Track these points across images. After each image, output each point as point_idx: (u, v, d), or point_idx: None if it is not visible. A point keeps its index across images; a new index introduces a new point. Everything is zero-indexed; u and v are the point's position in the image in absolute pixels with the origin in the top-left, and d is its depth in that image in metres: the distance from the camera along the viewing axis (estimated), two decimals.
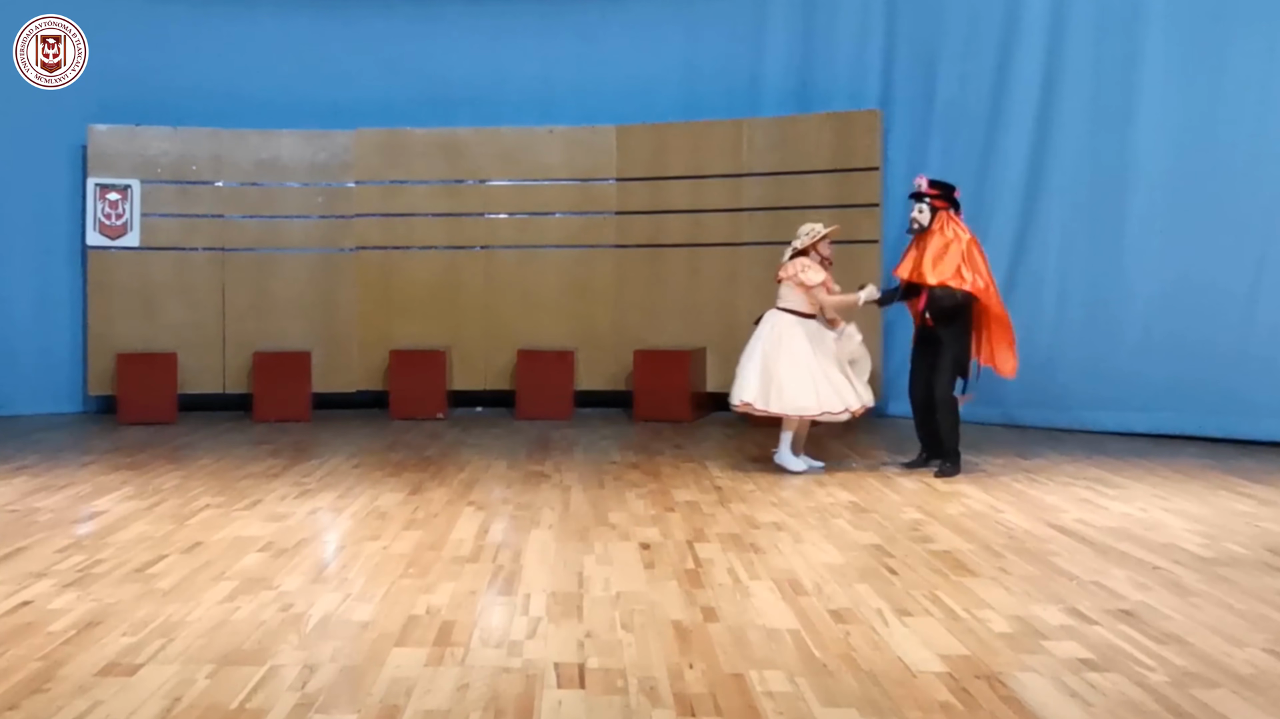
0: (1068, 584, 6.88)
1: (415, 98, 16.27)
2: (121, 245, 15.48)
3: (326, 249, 16.05)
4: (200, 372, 15.55)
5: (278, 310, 15.85)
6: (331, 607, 6.43)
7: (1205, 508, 9.18)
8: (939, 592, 6.69)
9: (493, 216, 16.11)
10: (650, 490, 10.06)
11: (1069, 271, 13.65)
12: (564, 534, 8.31)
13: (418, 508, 9.26)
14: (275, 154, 15.94)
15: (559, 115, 16.20)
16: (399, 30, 16.33)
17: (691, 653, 5.62)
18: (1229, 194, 12.57)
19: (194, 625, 6.06)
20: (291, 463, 11.59)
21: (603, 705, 4.97)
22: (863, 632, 5.94)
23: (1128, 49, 13.17)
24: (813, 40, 15.58)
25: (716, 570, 7.23)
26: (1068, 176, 13.63)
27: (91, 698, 5.03)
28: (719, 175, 15.53)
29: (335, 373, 15.81)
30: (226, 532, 8.38)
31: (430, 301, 15.97)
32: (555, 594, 6.68)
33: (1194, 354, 12.66)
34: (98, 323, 15.44)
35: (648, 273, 15.78)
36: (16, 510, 9.15)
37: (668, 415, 14.58)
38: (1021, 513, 8.99)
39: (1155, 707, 4.90)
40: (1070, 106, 13.59)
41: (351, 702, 5.01)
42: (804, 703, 4.97)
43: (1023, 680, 5.22)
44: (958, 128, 14.47)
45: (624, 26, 16.27)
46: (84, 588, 6.79)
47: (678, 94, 16.10)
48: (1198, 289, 12.71)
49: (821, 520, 8.74)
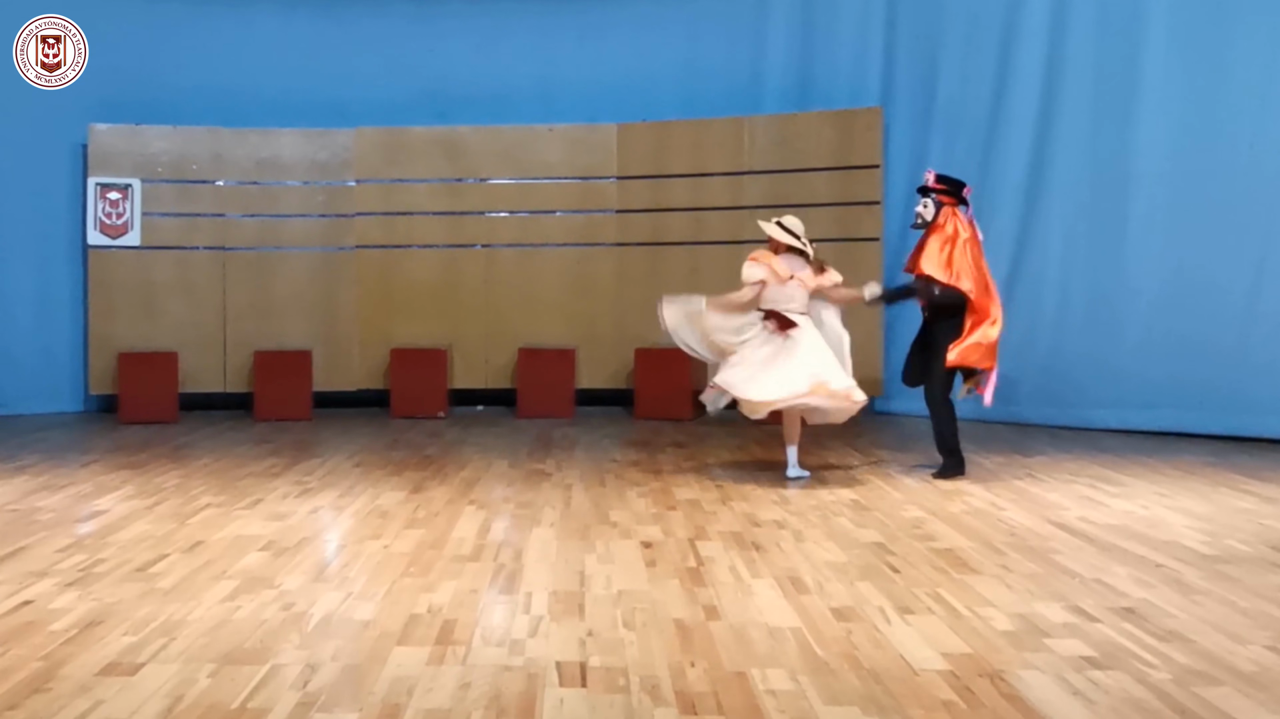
0: (1070, 582, 6.88)
1: (416, 96, 16.28)
2: (122, 244, 15.48)
3: (327, 248, 16.04)
4: (201, 371, 15.55)
5: (278, 309, 15.85)
6: (333, 606, 6.42)
7: (1207, 505, 9.18)
8: (941, 589, 6.69)
9: (493, 215, 16.10)
10: (652, 489, 10.06)
11: (1070, 269, 13.64)
12: (565, 533, 8.31)
13: (419, 507, 9.25)
14: (275, 153, 15.94)
15: (559, 113, 16.20)
16: (399, 29, 16.33)
17: (693, 651, 5.61)
18: (1230, 192, 12.57)
19: (195, 625, 6.06)
20: (292, 462, 11.58)
21: (604, 704, 4.96)
22: (865, 630, 5.94)
23: (1129, 47, 13.18)
24: (813, 38, 15.59)
25: (718, 569, 7.23)
26: (1069, 174, 13.63)
27: (93, 697, 5.02)
28: (720, 173, 15.53)
29: (336, 372, 15.81)
30: (227, 531, 8.38)
31: (431, 300, 15.96)
32: (557, 593, 6.67)
33: (1195, 352, 12.66)
34: (99, 322, 15.45)
35: (648, 271, 15.76)
36: (18, 510, 9.15)
37: (669, 414, 14.58)
38: (1023, 510, 8.99)
39: (1158, 704, 4.90)
40: (1071, 104, 13.60)
41: (353, 700, 5.00)
42: (806, 701, 4.96)
43: (1025, 678, 5.21)
44: (959, 125, 14.48)
45: (624, 24, 16.27)
46: (85, 587, 6.78)
47: (678, 92, 16.10)
48: (1199, 286, 12.71)
49: (823, 518, 8.73)
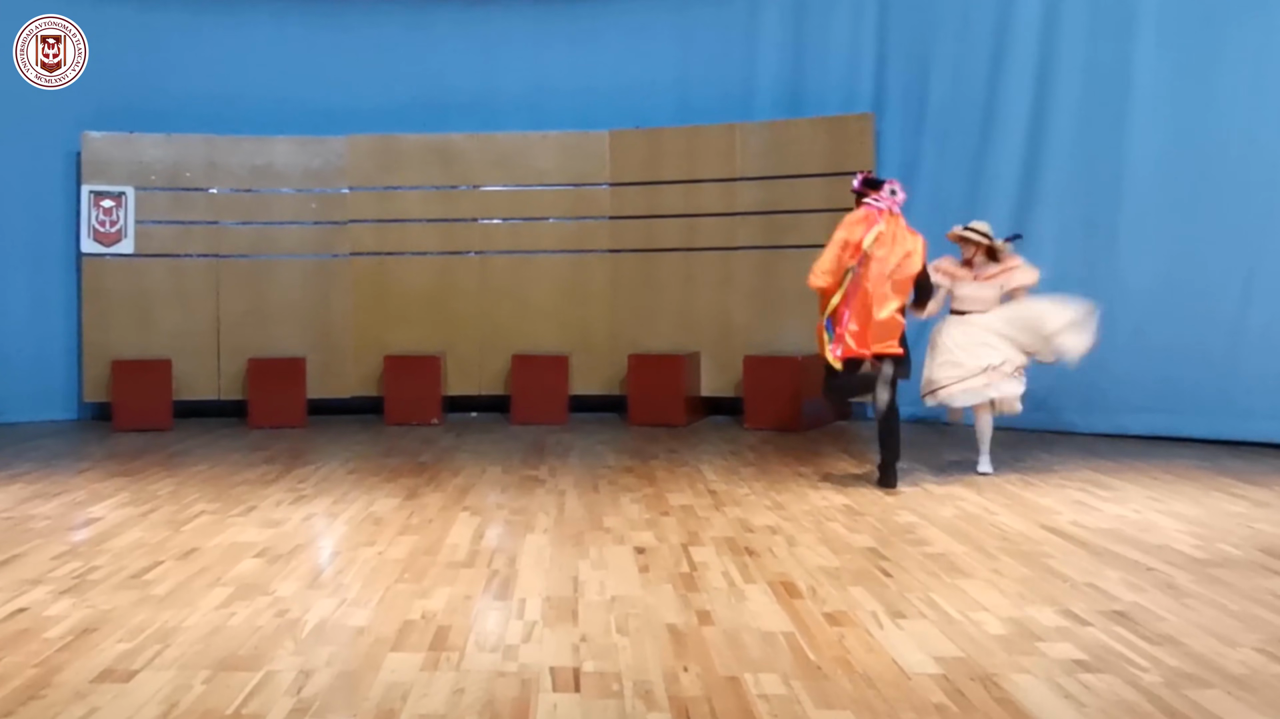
0: (1062, 586, 6.90)
1: (409, 103, 16.30)
2: (116, 252, 15.49)
3: (321, 255, 16.05)
4: (195, 378, 15.55)
5: (272, 316, 15.85)
6: (327, 612, 6.43)
7: (1198, 509, 9.20)
8: (933, 594, 6.70)
9: (487, 222, 16.12)
10: (645, 495, 10.07)
11: (1062, 273, 13.60)
12: (559, 538, 8.32)
13: (413, 513, 9.26)
14: (269, 160, 15.95)
15: (552, 120, 16.20)
16: (392, 36, 16.35)
17: (687, 656, 5.63)
18: (1221, 197, 12.59)
19: (190, 631, 6.07)
20: (287, 469, 11.59)
21: (598, 709, 4.97)
22: (857, 634, 5.95)
23: (1120, 53, 13.18)
24: (805, 44, 15.62)
25: (711, 574, 7.24)
26: (1060, 179, 13.65)
27: (88, 704, 5.03)
28: (712, 180, 15.55)
29: (330, 379, 15.82)
30: (222, 538, 8.39)
31: (425, 307, 15.98)
32: (550, 598, 6.68)
33: (1186, 356, 12.67)
34: (92, 330, 15.45)
35: (642, 277, 15.80)
36: (12, 517, 9.16)
37: (662, 420, 14.57)
38: (1015, 515, 9.00)
39: (1149, 707, 4.91)
40: (1063, 110, 13.62)
41: (347, 706, 5.02)
42: (799, 706, 4.98)
43: (1017, 682, 5.23)
44: (950, 131, 14.52)
45: (617, 32, 16.29)
46: (80, 594, 6.79)
47: (671, 99, 16.13)
48: (1191, 289, 12.72)
49: (816, 523, 8.75)
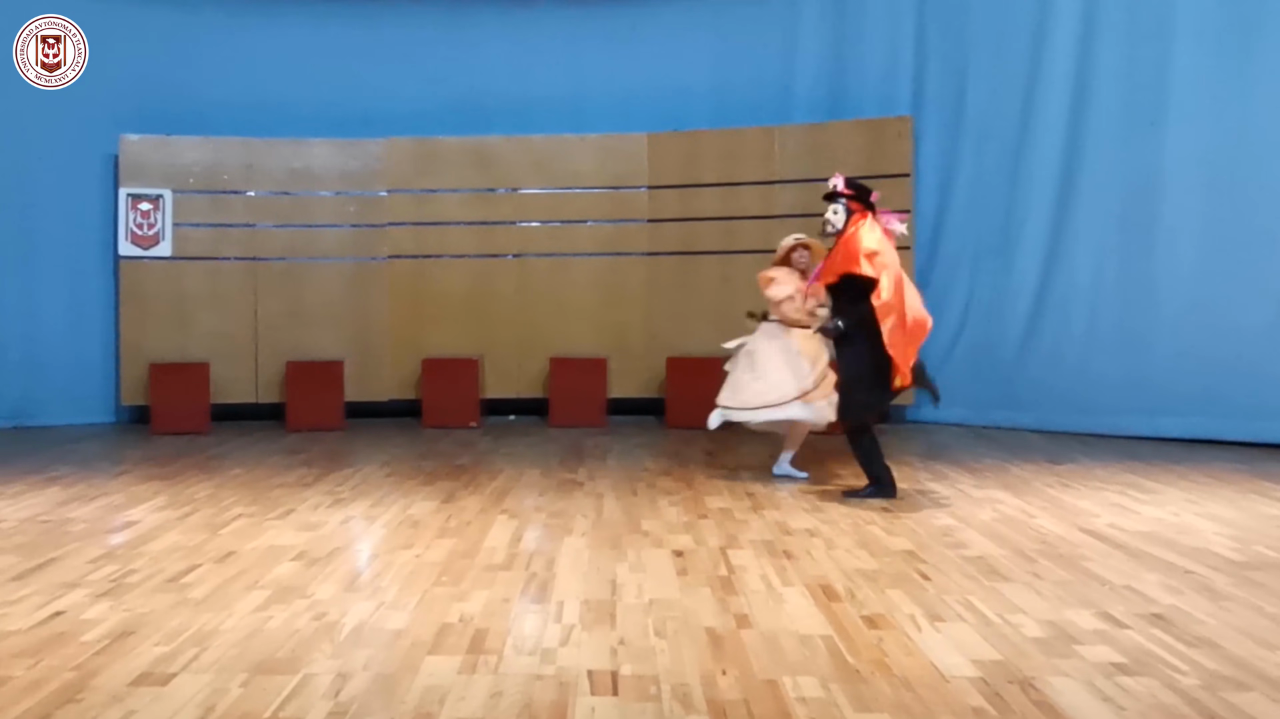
0: (1100, 589, 6.86)
1: (447, 106, 16.32)
2: (154, 255, 15.55)
3: (358, 258, 16.09)
4: (233, 381, 15.61)
5: (310, 319, 15.89)
6: (365, 615, 6.44)
7: (1237, 512, 9.15)
8: (972, 597, 6.68)
9: (524, 224, 16.13)
10: (683, 497, 10.07)
11: (1101, 276, 13.61)
12: (597, 541, 8.32)
13: (450, 516, 9.27)
14: (307, 163, 16.00)
15: (590, 123, 16.22)
16: (430, 39, 16.38)
17: (725, 659, 5.62)
18: (1260, 202, 12.53)
19: (227, 635, 6.08)
20: (324, 472, 11.62)
21: (636, 712, 4.97)
22: (895, 637, 5.93)
23: (1158, 58, 13.13)
24: (843, 47, 15.59)
25: (749, 577, 7.23)
26: (1099, 184, 13.60)
27: (125, 708, 5.05)
28: (751, 182, 15.53)
29: (368, 382, 15.85)
30: (259, 541, 8.41)
31: (462, 310, 15.99)
32: (588, 601, 6.68)
33: (1225, 359, 12.60)
34: (130, 333, 15.52)
35: (680, 280, 15.78)
36: (50, 521, 9.19)
37: (700, 423, 14.46)
38: (1054, 518, 8.96)
39: (1187, 710, 4.89)
40: (1101, 113, 13.57)
41: (385, 710, 5.02)
42: (837, 709, 4.96)
43: (1055, 685, 5.20)
44: (989, 134, 14.47)
45: (655, 34, 16.29)
46: (117, 598, 6.82)
47: (709, 101, 16.12)
48: (1227, 293, 12.67)
49: (854, 526, 8.72)
